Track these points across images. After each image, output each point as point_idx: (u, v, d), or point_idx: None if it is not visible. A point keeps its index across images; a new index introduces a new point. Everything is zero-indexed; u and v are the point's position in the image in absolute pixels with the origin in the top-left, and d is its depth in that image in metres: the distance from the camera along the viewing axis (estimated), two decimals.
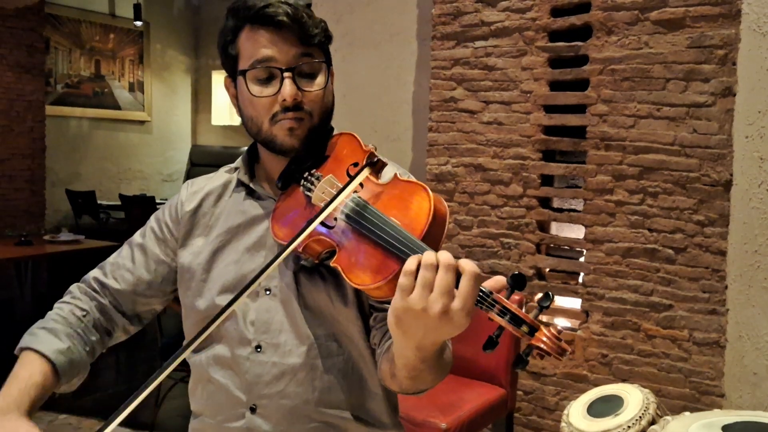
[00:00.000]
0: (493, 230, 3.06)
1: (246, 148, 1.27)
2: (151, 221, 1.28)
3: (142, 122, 7.87)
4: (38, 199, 6.34)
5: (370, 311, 1.13)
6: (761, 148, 2.44)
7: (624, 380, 2.71)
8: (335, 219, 0.99)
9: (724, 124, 2.53)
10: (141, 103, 7.86)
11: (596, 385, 2.68)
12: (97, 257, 1.48)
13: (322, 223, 1.00)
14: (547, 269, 3.01)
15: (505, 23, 2.99)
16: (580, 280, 2.91)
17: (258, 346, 1.13)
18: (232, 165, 1.27)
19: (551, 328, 0.81)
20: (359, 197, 0.98)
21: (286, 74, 1.07)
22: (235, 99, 1.16)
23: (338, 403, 1.14)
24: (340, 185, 1.02)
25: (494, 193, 3.05)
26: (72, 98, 7.25)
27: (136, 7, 7.40)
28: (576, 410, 1.54)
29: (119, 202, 6.77)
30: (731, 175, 2.52)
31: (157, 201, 6.62)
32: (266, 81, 1.09)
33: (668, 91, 2.63)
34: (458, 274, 0.81)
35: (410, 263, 0.82)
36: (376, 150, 1.07)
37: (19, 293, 5.33)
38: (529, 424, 2.98)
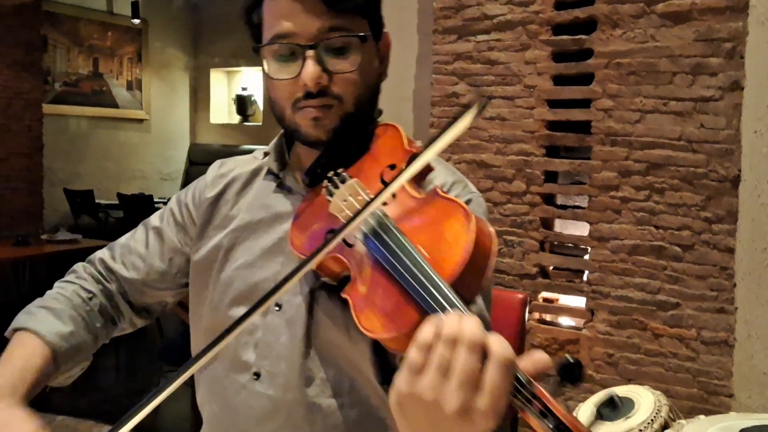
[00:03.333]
0: (496, 228, 3.00)
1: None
2: (172, 203, 1.12)
3: (140, 121, 7.83)
4: (36, 198, 6.31)
5: None
6: None
7: (630, 380, 2.67)
8: (355, 236, 0.80)
9: (732, 119, 2.48)
10: (139, 102, 7.82)
11: (602, 385, 2.64)
12: None
13: (343, 240, 0.81)
14: (551, 267, 2.97)
15: (507, 17, 2.94)
16: (585, 278, 2.87)
17: (257, 374, 0.95)
18: (266, 148, 1.09)
19: None
20: (383, 214, 0.77)
21: (308, 53, 0.88)
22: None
23: None
24: (365, 194, 0.83)
25: (497, 190, 3.00)
26: (70, 97, 7.22)
27: (134, 5, 7.35)
28: (585, 413, 1.50)
29: (118, 202, 6.73)
30: (739, 170, 2.47)
31: (156, 200, 6.58)
32: (287, 59, 0.90)
33: (675, 85, 2.59)
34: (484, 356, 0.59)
35: (426, 333, 0.59)
36: (415, 146, 0.90)
37: (17, 294, 5.29)
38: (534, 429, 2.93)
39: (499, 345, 0.58)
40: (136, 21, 7.45)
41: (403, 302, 0.68)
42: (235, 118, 8.07)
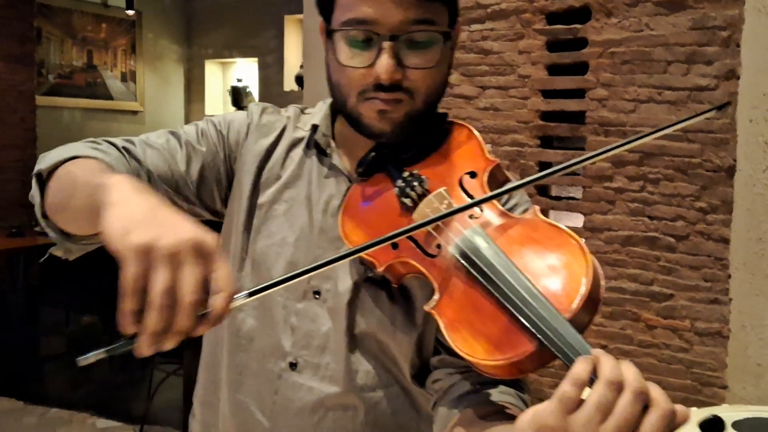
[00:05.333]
0: None
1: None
2: (205, 126, 0.99)
3: (134, 112, 7.80)
4: (30, 190, 6.27)
5: (438, 350, 0.90)
6: (766, 132, 2.38)
7: None
8: (438, 247, 0.77)
9: (727, 108, 2.46)
10: (133, 93, 7.78)
11: None
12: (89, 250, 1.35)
13: (420, 248, 0.78)
14: None
15: (501, 5, 2.91)
16: None
17: (293, 363, 0.91)
18: (308, 115, 1.00)
19: None
20: (483, 231, 0.74)
21: (385, 44, 0.81)
22: (326, 53, 0.90)
23: None
24: (454, 205, 0.78)
25: None
26: (64, 89, 7.18)
27: None
28: None
29: None
30: (734, 160, 2.45)
31: None
32: (361, 45, 0.83)
33: (670, 74, 2.56)
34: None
35: (583, 370, 0.59)
36: (493, 155, 0.86)
37: (11, 286, 5.27)
38: None
39: (663, 397, 0.58)
40: (131, 12, 7.39)
41: (514, 331, 0.66)
42: (230, 110, 8.04)
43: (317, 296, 0.91)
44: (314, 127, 0.97)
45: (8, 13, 5.96)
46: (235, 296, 0.62)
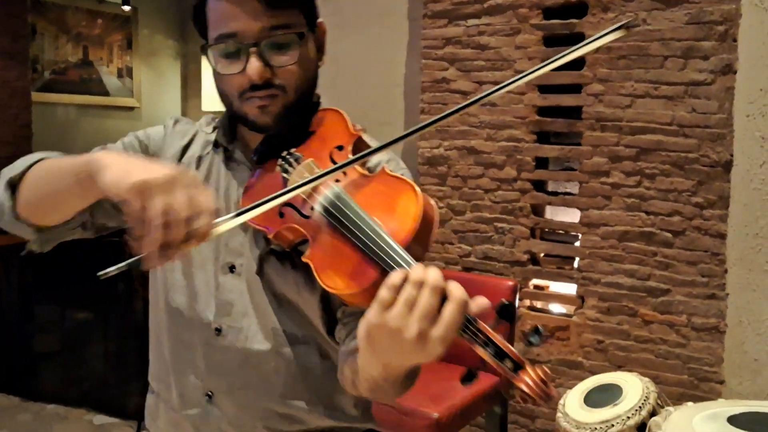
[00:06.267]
0: (486, 215, 2.99)
1: None
2: (132, 139, 1.16)
3: (130, 108, 7.76)
4: None
5: (340, 304, 1.04)
6: (762, 127, 2.37)
7: (620, 367, 2.66)
8: (311, 209, 0.92)
9: (724, 103, 2.45)
10: (130, 89, 7.75)
11: (592, 372, 2.63)
12: (84, 246, 1.40)
13: (298, 212, 0.94)
14: (542, 254, 2.94)
15: (498, 0, 2.90)
16: (575, 264, 2.85)
17: (218, 329, 1.06)
18: (214, 122, 1.17)
19: (538, 370, 0.74)
20: (340, 189, 0.90)
21: (251, 50, 0.97)
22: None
23: (304, 395, 1.06)
24: (319, 171, 0.93)
25: (487, 177, 2.97)
26: (59, 85, 7.13)
27: None
28: (572, 400, 1.48)
29: None
30: (731, 155, 2.44)
31: None
32: (232, 55, 0.99)
33: (666, 69, 2.56)
34: (443, 298, 0.73)
35: (395, 277, 0.74)
36: (365, 132, 1.01)
37: (6, 282, 5.25)
38: (524, 412, 2.92)
39: (456, 289, 0.72)
40: (126, 8, 7.36)
41: (364, 264, 0.82)
42: None
43: (233, 270, 1.06)
44: (215, 129, 1.14)
45: (1, 9, 5.93)
46: (217, 220, 0.80)
